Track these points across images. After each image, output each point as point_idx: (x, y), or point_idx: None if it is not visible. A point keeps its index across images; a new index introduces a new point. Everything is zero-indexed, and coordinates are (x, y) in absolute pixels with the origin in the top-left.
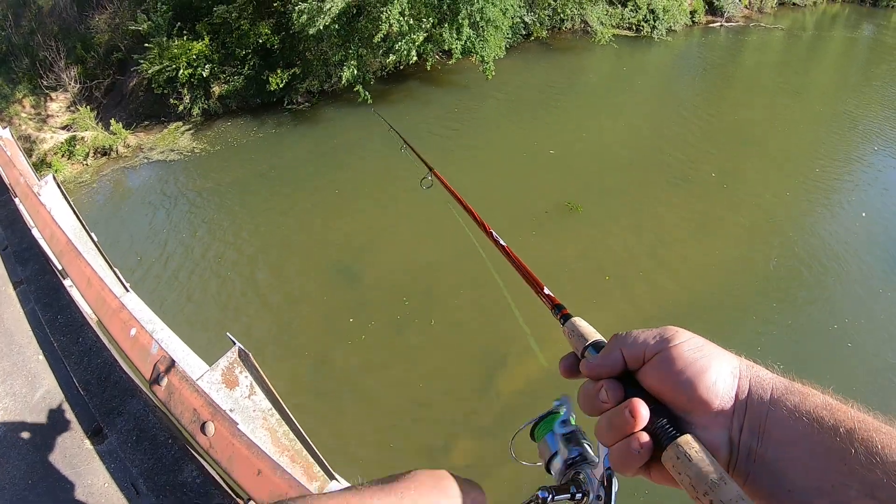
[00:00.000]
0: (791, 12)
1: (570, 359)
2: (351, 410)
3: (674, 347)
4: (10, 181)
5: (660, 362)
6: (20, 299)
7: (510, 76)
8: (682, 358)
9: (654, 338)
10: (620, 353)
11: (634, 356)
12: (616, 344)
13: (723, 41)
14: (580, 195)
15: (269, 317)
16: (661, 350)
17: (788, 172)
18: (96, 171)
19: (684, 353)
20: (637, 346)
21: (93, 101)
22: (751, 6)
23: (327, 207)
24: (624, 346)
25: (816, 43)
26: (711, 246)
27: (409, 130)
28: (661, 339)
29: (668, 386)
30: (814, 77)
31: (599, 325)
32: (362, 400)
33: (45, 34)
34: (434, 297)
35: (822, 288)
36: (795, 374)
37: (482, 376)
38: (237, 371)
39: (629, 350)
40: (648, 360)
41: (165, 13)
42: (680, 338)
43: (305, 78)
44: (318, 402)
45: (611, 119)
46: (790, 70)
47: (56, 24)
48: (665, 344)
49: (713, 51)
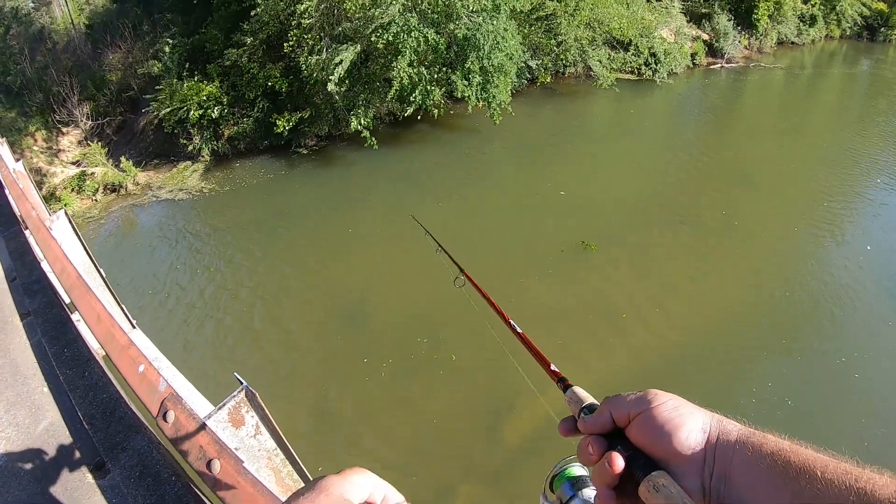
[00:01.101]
0: (790, 51)
1: (568, 421)
2: (354, 453)
3: (654, 408)
4: (22, 213)
5: (642, 421)
6: (27, 331)
7: (516, 120)
8: (661, 416)
9: (638, 400)
10: (609, 414)
11: (621, 416)
12: (606, 406)
13: (724, 82)
14: (592, 235)
15: (272, 357)
16: (643, 410)
17: (794, 210)
18: (105, 207)
19: (662, 412)
20: (623, 408)
21: (104, 137)
22: (750, 46)
23: (333, 251)
24: (612, 407)
25: (816, 80)
26: (720, 283)
27: (419, 174)
28: (643, 401)
29: (650, 440)
30: (815, 114)
31: (620, 359)
32: (365, 443)
33: (59, 70)
34: (439, 343)
35: (830, 322)
36: (805, 405)
37: (488, 423)
38: (243, 410)
39: (616, 411)
40: (633, 419)
41: (176, 54)
42: (659, 399)
43: (313, 122)
44: (322, 443)
45: (616, 162)
46: (791, 108)
47: (70, 61)
48: (647, 405)
49: (714, 92)
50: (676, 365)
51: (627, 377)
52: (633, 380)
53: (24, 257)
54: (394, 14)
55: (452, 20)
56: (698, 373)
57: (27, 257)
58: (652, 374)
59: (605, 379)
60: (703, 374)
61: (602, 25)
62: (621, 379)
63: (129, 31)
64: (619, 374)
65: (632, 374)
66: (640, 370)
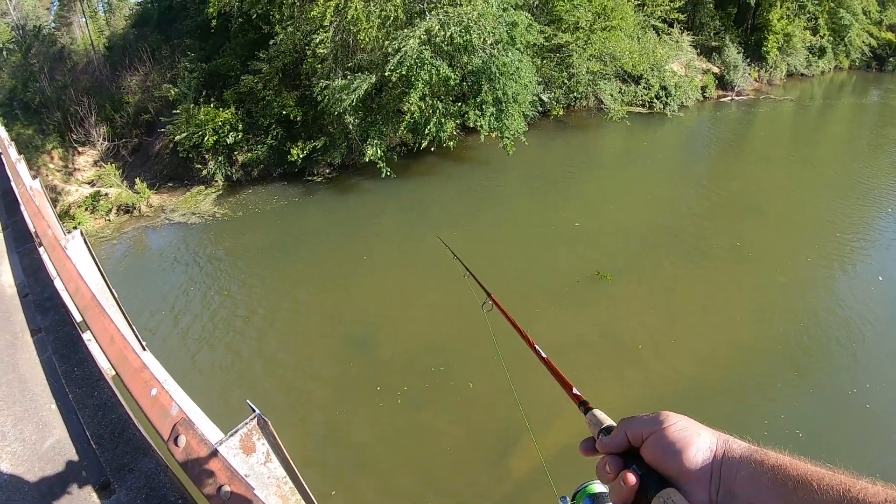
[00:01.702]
0: (800, 83)
1: (588, 442)
2: (362, 480)
3: (665, 428)
4: (37, 231)
5: (654, 440)
6: (37, 347)
7: (529, 152)
8: (671, 436)
9: (651, 421)
10: (624, 434)
11: (635, 436)
12: (622, 427)
13: (734, 114)
14: (606, 265)
15: (284, 382)
16: (655, 431)
17: (805, 240)
18: (118, 227)
19: (673, 432)
20: (637, 428)
21: (119, 158)
22: (760, 79)
23: (346, 277)
24: (627, 428)
25: (826, 112)
26: (732, 314)
27: (432, 204)
28: (656, 422)
29: (661, 459)
30: (825, 145)
31: (635, 389)
32: (377, 470)
33: (77, 90)
34: (451, 371)
35: (842, 353)
36: (816, 434)
37: (499, 451)
38: (255, 438)
39: (631, 431)
40: (646, 438)
41: (193, 79)
42: (670, 420)
43: (327, 151)
44: (334, 469)
45: (628, 194)
46: (801, 140)
47: (89, 81)
48: (658, 426)
49: (725, 124)
50: (689, 396)
51: (641, 407)
52: (647, 409)
53: (38, 274)
54: (412, 48)
55: (467, 53)
56: (710, 404)
57: (40, 274)
58: (665, 405)
59: (620, 407)
60: (715, 406)
61: (614, 60)
62: (635, 408)
63: (148, 55)
64: (634, 402)
65: (645, 403)
66: (654, 399)
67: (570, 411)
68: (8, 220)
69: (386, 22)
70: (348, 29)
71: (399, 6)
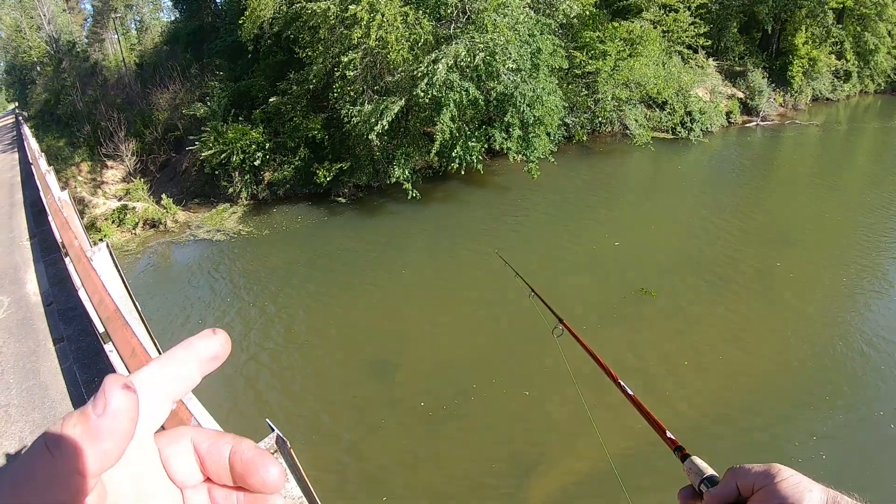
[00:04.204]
0: (825, 107)
1: (687, 490)
2: (374, 502)
3: (778, 483)
4: (64, 242)
5: (766, 494)
6: (59, 355)
7: (554, 176)
8: (784, 491)
9: (763, 472)
10: (735, 485)
11: (746, 486)
12: (732, 477)
13: (759, 140)
14: (646, 283)
15: (304, 401)
16: (767, 484)
17: (837, 264)
18: (143, 241)
19: (786, 487)
20: (748, 479)
21: (147, 174)
22: (785, 104)
23: (367, 300)
24: (738, 478)
25: (852, 136)
26: (767, 341)
27: (459, 227)
28: (768, 475)
29: None
30: (852, 170)
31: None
32: (389, 493)
33: (108, 105)
34: (468, 395)
35: (874, 377)
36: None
37: (514, 479)
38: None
39: (742, 482)
40: (756, 490)
41: (222, 98)
42: (783, 475)
43: (353, 172)
44: (340, 491)
45: (653, 220)
46: (828, 165)
47: (119, 97)
48: (770, 479)
49: (751, 150)
50: (731, 414)
51: (688, 425)
52: (696, 426)
53: (63, 283)
54: (440, 72)
55: (492, 78)
56: (750, 423)
57: (66, 284)
58: (712, 422)
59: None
60: (755, 424)
61: (640, 86)
62: (685, 426)
63: (178, 73)
64: (682, 420)
65: (693, 421)
66: (699, 417)
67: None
68: (36, 230)
69: (415, 45)
70: (378, 51)
71: (428, 31)
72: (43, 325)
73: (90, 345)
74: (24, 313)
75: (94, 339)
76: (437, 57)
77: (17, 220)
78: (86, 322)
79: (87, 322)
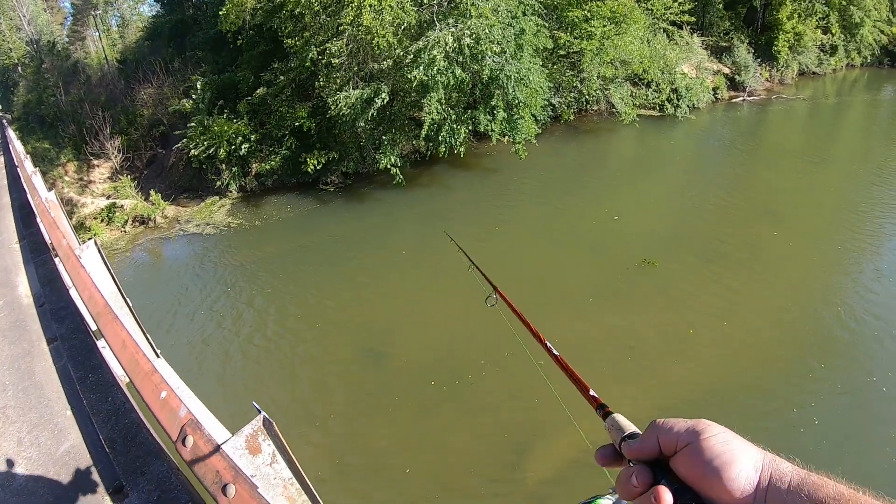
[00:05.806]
0: (812, 81)
1: (606, 449)
2: (373, 485)
3: (704, 440)
4: (52, 241)
5: (691, 452)
6: (53, 355)
7: (541, 157)
8: (711, 450)
9: (688, 429)
10: (656, 440)
11: (668, 443)
12: (653, 432)
13: (746, 115)
14: (650, 255)
15: (297, 389)
16: (693, 441)
17: (827, 236)
18: (133, 238)
19: (713, 445)
20: (671, 435)
21: (134, 170)
22: (772, 78)
23: (357, 286)
24: (660, 433)
25: (839, 109)
26: (761, 312)
27: (448, 210)
28: (693, 431)
29: (697, 474)
30: (840, 143)
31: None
32: (385, 475)
33: (92, 103)
34: (462, 377)
35: (864, 346)
36: (839, 421)
37: (514, 455)
38: (260, 438)
39: (664, 437)
40: (681, 448)
41: (207, 92)
42: (710, 431)
43: (341, 161)
44: (339, 475)
45: (643, 198)
46: (816, 138)
47: (103, 95)
48: (696, 436)
49: (738, 125)
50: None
51: (667, 400)
52: (678, 403)
53: (53, 283)
54: (440, 60)
55: (477, 61)
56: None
57: (56, 284)
58: (701, 397)
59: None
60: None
61: (625, 65)
62: (661, 403)
63: (161, 68)
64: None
65: (679, 396)
66: (687, 393)
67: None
68: (24, 232)
69: (399, 29)
70: (362, 37)
71: (411, 14)
72: (36, 325)
73: (83, 342)
74: (16, 315)
75: (86, 336)
76: (428, 44)
77: (5, 223)
78: (78, 320)
79: (79, 320)
